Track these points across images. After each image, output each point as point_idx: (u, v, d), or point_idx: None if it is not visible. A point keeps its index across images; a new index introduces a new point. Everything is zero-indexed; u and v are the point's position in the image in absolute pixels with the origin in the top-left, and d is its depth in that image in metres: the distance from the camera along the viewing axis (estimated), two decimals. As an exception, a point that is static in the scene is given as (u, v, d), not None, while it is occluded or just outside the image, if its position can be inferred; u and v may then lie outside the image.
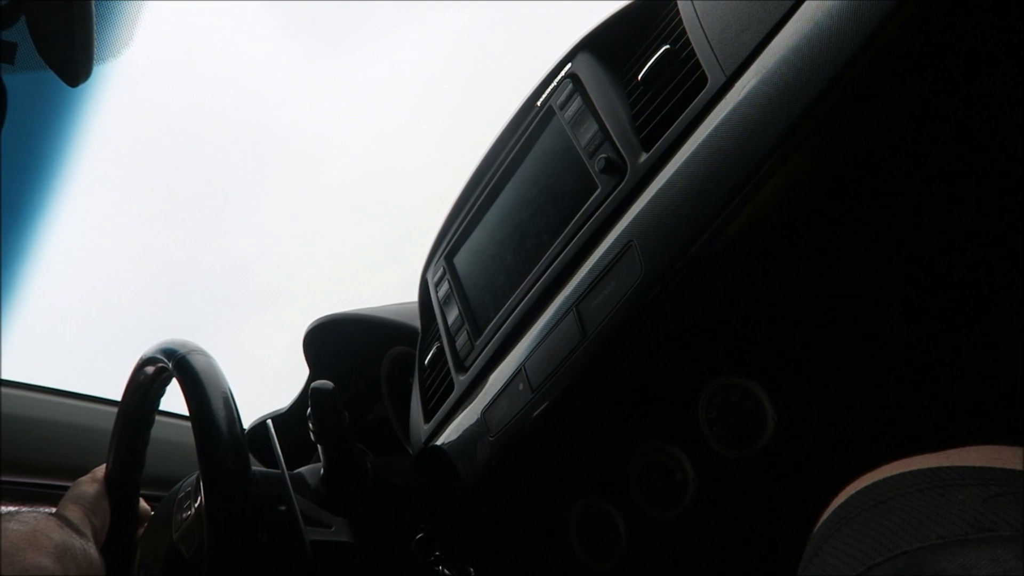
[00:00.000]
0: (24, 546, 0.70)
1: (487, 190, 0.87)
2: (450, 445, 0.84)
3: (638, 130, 0.68)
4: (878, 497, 0.37)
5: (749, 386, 0.61)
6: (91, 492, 0.93)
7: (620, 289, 0.63)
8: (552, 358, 0.69)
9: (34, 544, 0.71)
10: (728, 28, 0.60)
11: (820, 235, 0.56)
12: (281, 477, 0.80)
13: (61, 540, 0.75)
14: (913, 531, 0.33)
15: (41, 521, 0.76)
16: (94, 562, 0.79)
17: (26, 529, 0.72)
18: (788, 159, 0.53)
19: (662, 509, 0.67)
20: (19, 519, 0.74)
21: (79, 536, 0.79)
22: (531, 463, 0.76)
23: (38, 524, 0.75)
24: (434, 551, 0.86)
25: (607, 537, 0.73)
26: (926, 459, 0.38)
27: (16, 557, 0.68)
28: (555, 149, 0.78)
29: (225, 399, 0.75)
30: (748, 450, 0.61)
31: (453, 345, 0.88)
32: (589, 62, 0.76)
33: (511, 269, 0.80)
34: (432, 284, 0.96)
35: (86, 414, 1.36)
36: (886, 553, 0.32)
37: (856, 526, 0.36)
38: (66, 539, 0.76)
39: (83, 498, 0.91)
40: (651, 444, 0.68)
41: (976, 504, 0.33)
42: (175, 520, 0.84)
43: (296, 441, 1.08)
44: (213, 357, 0.80)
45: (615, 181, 0.67)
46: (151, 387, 0.92)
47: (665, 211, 0.61)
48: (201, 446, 0.71)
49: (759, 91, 0.55)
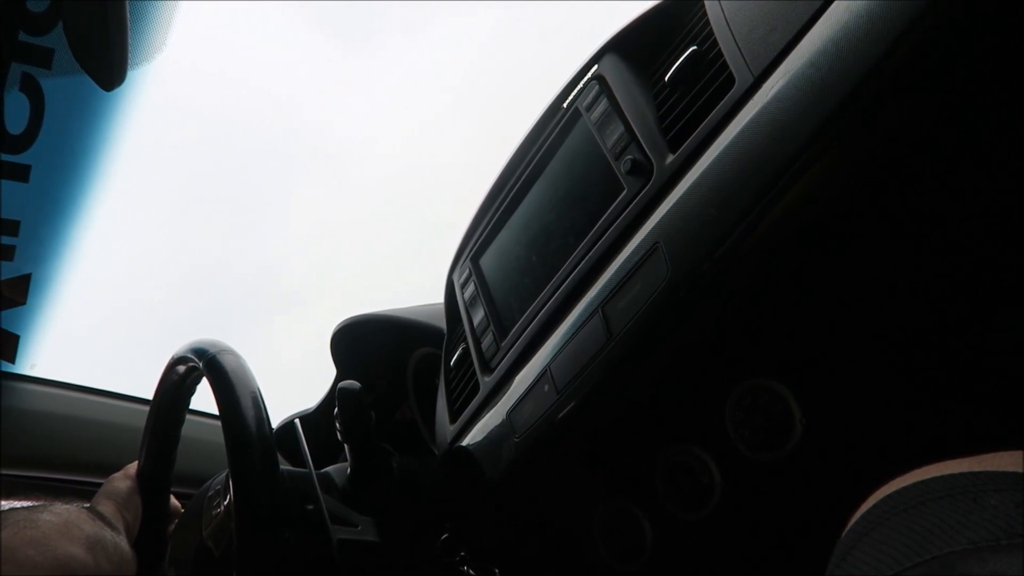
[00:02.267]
0: (56, 536, 0.70)
1: (513, 192, 0.87)
2: (476, 446, 0.84)
3: (665, 131, 0.67)
4: (908, 501, 0.36)
5: (777, 389, 0.60)
6: (123, 488, 0.94)
7: (646, 291, 0.63)
8: (577, 360, 0.69)
9: (66, 535, 0.71)
10: (756, 29, 0.60)
11: (848, 236, 0.55)
12: (309, 476, 0.81)
13: (93, 532, 0.76)
14: (944, 536, 0.32)
15: (74, 513, 0.77)
16: (125, 555, 0.80)
17: (59, 520, 0.73)
18: (816, 160, 0.53)
19: (688, 511, 0.67)
20: (52, 511, 0.75)
21: (111, 529, 0.81)
22: (556, 464, 0.76)
23: (70, 516, 0.75)
24: (459, 551, 0.86)
25: (632, 539, 0.72)
26: (958, 463, 0.38)
27: (48, 546, 0.68)
28: (581, 151, 0.78)
29: (254, 399, 0.76)
30: (775, 453, 0.60)
31: (479, 346, 0.89)
32: (615, 64, 0.76)
33: (537, 271, 0.80)
34: (458, 285, 0.97)
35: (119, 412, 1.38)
36: (916, 558, 0.32)
37: (885, 530, 0.36)
38: (98, 531, 0.77)
39: (116, 493, 0.93)
40: (677, 446, 0.68)
41: (1009, 509, 0.32)
42: (205, 518, 0.85)
43: (323, 440, 1.10)
44: (243, 357, 0.81)
45: (641, 182, 0.67)
46: (182, 386, 0.94)
47: (692, 212, 0.61)
48: (231, 445, 0.72)
49: (787, 92, 0.55)
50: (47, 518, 0.73)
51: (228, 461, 0.72)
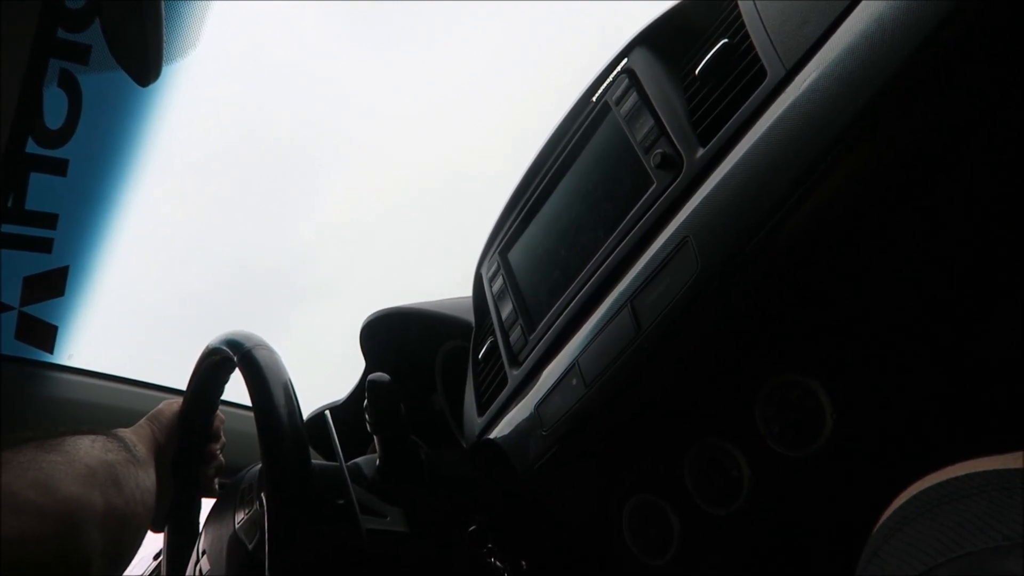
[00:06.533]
0: (59, 476, 0.65)
1: (542, 185, 0.88)
2: (504, 439, 0.84)
3: (695, 125, 0.67)
4: (942, 497, 0.36)
5: (808, 384, 0.60)
6: (168, 412, 0.95)
7: (675, 285, 0.63)
8: (606, 353, 0.69)
9: (71, 473, 0.66)
10: (788, 21, 0.59)
11: (880, 230, 0.54)
12: (340, 471, 0.82)
13: (101, 466, 0.71)
14: (978, 532, 0.32)
15: (83, 447, 0.72)
16: (142, 483, 0.77)
17: (64, 458, 0.68)
18: (849, 154, 0.52)
19: (717, 506, 0.67)
20: (59, 447, 0.69)
21: (130, 456, 0.78)
22: (584, 458, 0.76)
23: (78, 451, 0.70)
24: (487, 543, 0.87)
25: (660, 533, 0.72)
26: (993, 460, 0.37)
27: (50, 487, 0.63)
28: (610, 144, 0.78)
29: (288, 397, 0.76)
30: (806, 449, 0.60)
31: (507, 339, 0.89)
32: (645, 57, 0.76)
33: (565, 264, 0.80)
34: (487, 279, 0.97)
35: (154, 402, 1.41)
36: (949, 554, 0.32)
37: (919, 526, 0.35)
38: (108, 464, 0.72)
39: (156, 416, 0.94)
40: (706, 441, 0.67)
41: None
42: (237, 511, 0.87)
43: (352, 431, 1.11)
44: (276, 351, 0.82)
45: (671, 176, 0.67)
46: (216, 376, 0.95)
47: (722, 206, 0.60)
48: (264, 445, 0.73)
49: (820, 85, 0.54)
50: (52, 457, 0.67)
51: (261, 456, 0.73)
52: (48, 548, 0.60)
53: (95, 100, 1.19)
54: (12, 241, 1.25)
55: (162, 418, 0.94)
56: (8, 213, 1.22)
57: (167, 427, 0.94)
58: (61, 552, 0.61)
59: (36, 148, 1.19)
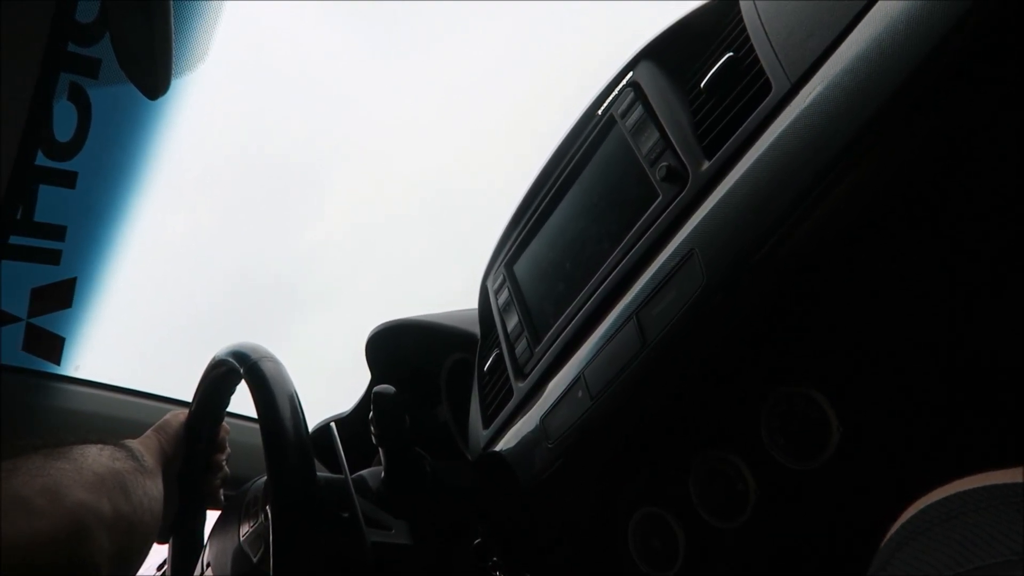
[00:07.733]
0: (68, 482, 0.66)
1: (547, 198, 0.88)
2: (509, 451, 0.84)
3: (700, 138, 0.67)
4: (950, 511, 0.36)
5: (813, 396, 0.59)
6: (175, 423, 0.95)
7: (681, 297, 0.63)
8: (612, 366, 0.69)
9: (78, 480, 0.67)
10: (793, 34, 0.60)
11: (886, 243, 0.54)
12: (345, 483, 0.82)
13: (109, 474, 0.71)
14: (986, 546, 0.32)
15: (91, 455, 0.72)
16: (150, 492, 0.77)
17: (72, 465, 0.69)
18: (854, 167, 0.52)
19: (722, 519, 0.66)
20: (67, 455, 0.70)
21: (137, 465, 0.78)
22: (589, 470, 0.76)
23: (86, 459, 0.71)
24: (492, 556, 0.87)
25: (665, 546, 0.72)
26: (1000, 475, 0.37)
27: (59, 494, 0.64)
28: (616, 157, 0.78)
29: (294, 410, 0.76)
30: (812, 461, 0.60)
31: (512, 352, 0.89)
32: (651, 70, 0.76)
33: (571, 277, 0.81)
34: (492, 291, 0.97)
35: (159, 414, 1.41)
36: (957, 568, 0.32)
37: (926, 540, 0.35)
38: (116, 471, 0.73)
39: (163, 427, 0.93)
40: (711, 453, 0.67)
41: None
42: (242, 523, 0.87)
43: (357, 443, 1.11)
44: (282, 364, 0.82)
45: (676, 189, 0.67)
46: (222, 388, 0.95)
47: (727, 219, 0.60)
48: (269, 453, 0.73)
49: (825, 98, 0.54)
50: (60, 464, 0.68)
51: (266, 467, 0.73)
52: (59, 552, 0.61)
53: (104, 113, 1.20)
54: (20, 253, 1.25)
55: (169, 429, 0.94)
56: (17, 225, 1.23)
57: (174, 438, 0.94)
58: (71, 556, 0.62)
59: (45, 160, 1.20)
